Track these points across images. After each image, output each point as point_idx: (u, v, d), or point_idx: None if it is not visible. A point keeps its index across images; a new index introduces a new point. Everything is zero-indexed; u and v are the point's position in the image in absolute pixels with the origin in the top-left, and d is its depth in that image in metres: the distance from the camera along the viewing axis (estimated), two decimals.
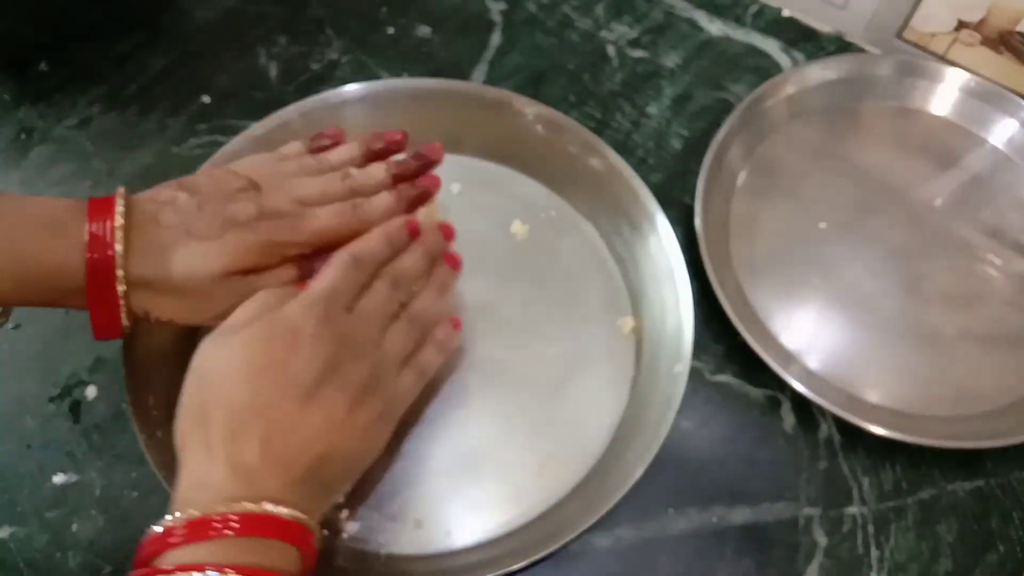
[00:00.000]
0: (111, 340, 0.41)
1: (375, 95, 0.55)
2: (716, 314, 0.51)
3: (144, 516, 0.47)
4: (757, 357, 0.49)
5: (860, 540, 0.48)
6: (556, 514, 0.46)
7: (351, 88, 0.55)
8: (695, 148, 0.59)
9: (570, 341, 0.51)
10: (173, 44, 0.64)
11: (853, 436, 0.50)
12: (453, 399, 0.49)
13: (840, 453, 0.50)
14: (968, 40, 0.63)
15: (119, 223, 0.37)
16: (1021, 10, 0.59)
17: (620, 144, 0.60)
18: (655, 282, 0.51)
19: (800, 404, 0.51)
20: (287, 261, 0.42)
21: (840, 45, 0.66)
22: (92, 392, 0.50)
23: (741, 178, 0.59)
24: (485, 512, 0.46)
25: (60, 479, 0.48)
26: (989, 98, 0.62)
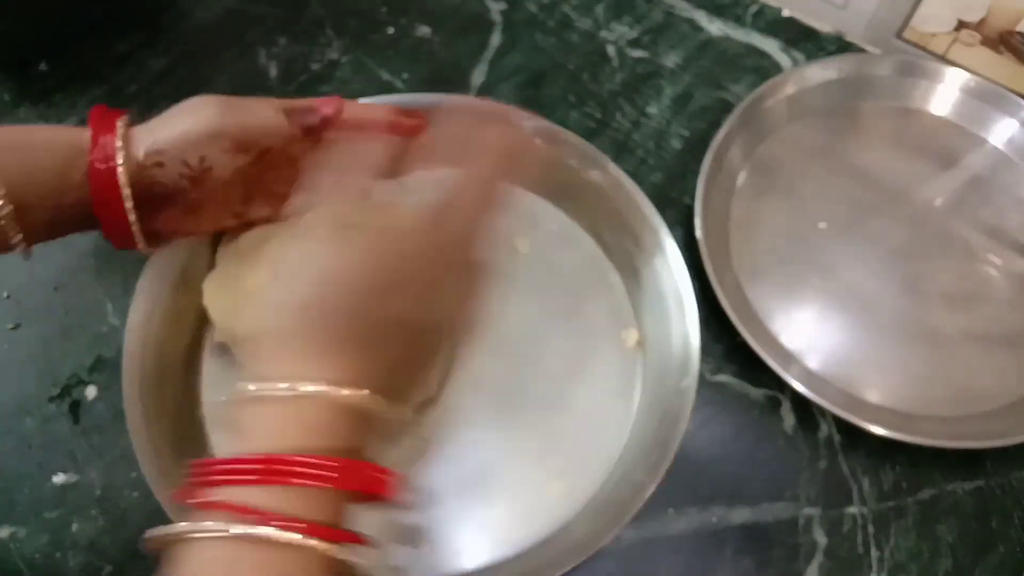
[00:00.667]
0: (132, 252, 0.42)
1: None
2: (716, 314, 0.51)
3: (144, 516, 0.47)
4: (757, 357, 0.49)
5: (860, 540, 0.48)
6: (566, 534, 0.45)
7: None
8: (695, 148, 0.59)
9: (575, 356, 0.50)
10: (173, 44, 0.64)
11: (853, 436, 0.50)
12: (458, 417, 0.48)
13: (840, 453, 0.50)
14: (968, 40, 0.63)
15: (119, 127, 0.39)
16: (1021, 10, 0.59)
17: (620, 144, 0.60)
18: (659, 295, 0.50)
19: (800, 404, 0.51)
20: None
21: (840, 45, 0.66)
22: (92, 392, 0.50)
23: (741, 178, 0.59)
24: (494, 533, 0.45)
25: (60, 479, 0.48)
26: (989, 98, 0.62)
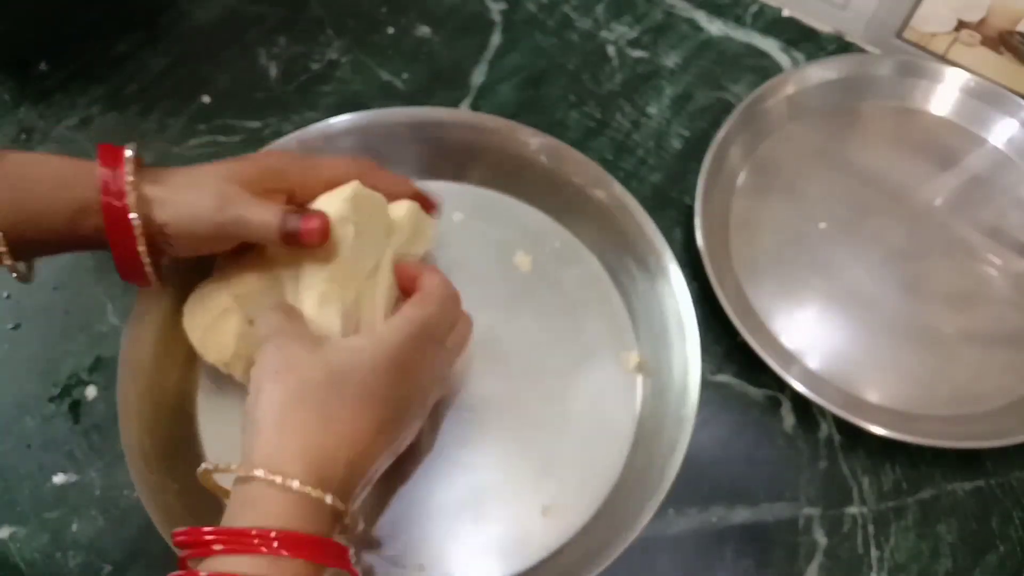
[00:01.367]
0: (140, 286, 0.42)
1: (374, 124, 0.54)
2: (716, 314, 0.51)
3: (144, 516, 0.47)
4: (757, 357, 0.49)
5: (860, 540, 0.48)
6: (560, 560, 0.45)
7: (347, 118, 0.53)
8: (695, 148, 0.59)
9: (574, 376, 0.50)
10: (173, 44, 0.64)
11: (853, 436, 0.50)
12: (455, 437, 0.48)
13: (840, 453, 0.50)
14: (968, 40, 0.63)
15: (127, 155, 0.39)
16: (1021, 10, 0.59)
17: (620, 144, 0.60)
18: (661, 319, 0.49)
19: (800, 404, 0.51)
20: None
21: (840, 45, 0.66)
22: (92, 392, 0.50)
23: (741, 178, 0.59)
24: (489, 557, 0.45)
25: (60, 479, 0.48)
26: (989, 98, 0.62)
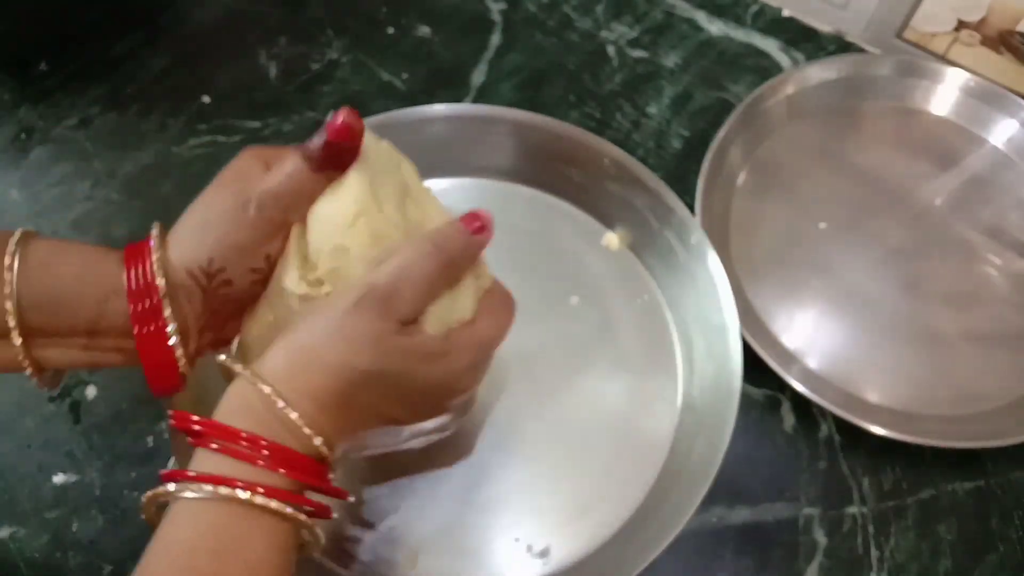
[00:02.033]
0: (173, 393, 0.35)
1: (446, 117, 0.53)
2: None
3: None
4: (757, 357, 0.49)
5: (860, 540, 0.48)
6: (588, 564, 0.44)
7: (431, 109, 0.53)
8: (695, 148, 0.59)
9: (607, 378, 0.50)
10: (173, 44, 0.64)
11: (853, 436, 0.50)
12: (488, 441, 0.48)
13: (840, 453, 0.50)
14: (968, 40, 0.63)
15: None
16: (1021, 10, 0.59)
17: (620, 144, 0.60)
18: (709, 352, 0.49)
19: (800, 404, 0.51)
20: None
21: (840, 45, 0.66)
22: (92, 392, 0.50)
23: (741, 178, 0.59)
24: (520, 557, 0.45)
25: (60, 479, 0.48)
26: (989, 98, 0.62)
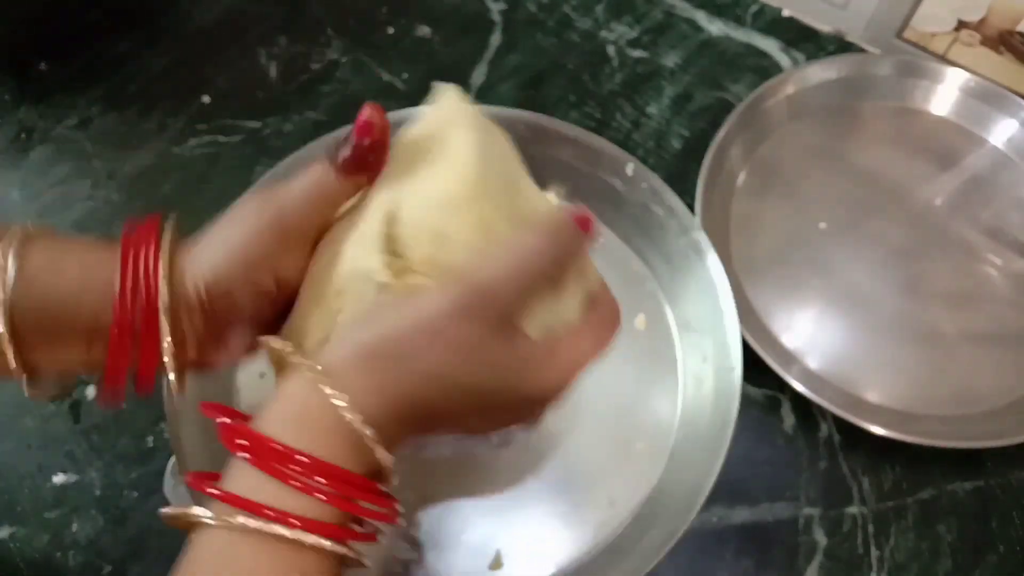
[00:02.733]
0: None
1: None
2: None
3: (144, 516, 0.47)
4: (757, 357, 0.49)
5: (860, 540, 0.48)
6: (588, 565, 0.44)
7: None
8: (695, 148, 0.59)
9: (613, 377, 0.49)
10: (173, 44, 0.64)
11: (853, 436, 0.50)
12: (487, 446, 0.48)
13: (840, 453, 0.50)
14: (968, 40, 0.63)
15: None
16: (1021, 10, 0.59)
17: (620, 144, 0.60)
18: (709, 352, 0.48)
19: (800, 404, 0.51)
20: None
21: (840, 45, 0.66)
22: (92, 392, 0.50)
23: (741, 178, 0.59)
24: (524, 554, 0.45)
25: (60, 479, 0.48)
26: (989, 98, 0.62)
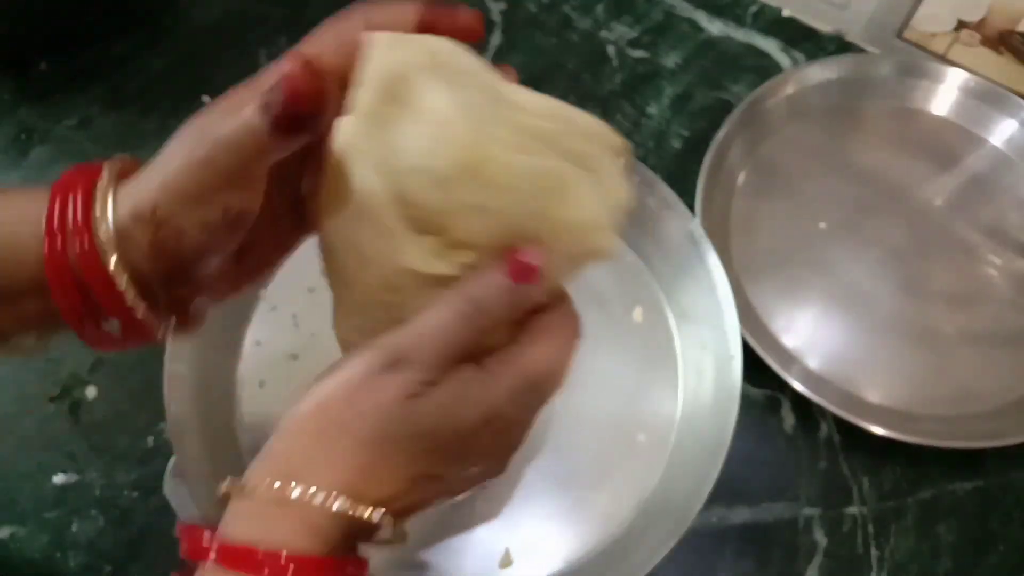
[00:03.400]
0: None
1: None
2: None
3: (144, 516, 0.47)
4: (757, 357, 0.49)
5: (860, 540, 0.48)
6: (590, 564, 0.44)
7: None
8: (695, 148, 0.58)
9: (612, 377, 0.50)
10: (173, 44, 0.64)
11: (853, 436, 0.50)
12: None
13: (840, 453, 0.50)
14: (968, 40, 0.63)
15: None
16: (1021, 10, 0.59)
17: None
18: (709, 352, 0.49)
19: (800, 404, 0.51)
20: None
21: (840, 45, 0.66)
22: (92, 392, 0.50)
23: (741, 178, 0.59)
24: (528, 553, 0.45)
25: (60, 479, 0.48)
26: (989, 98, 0.62)
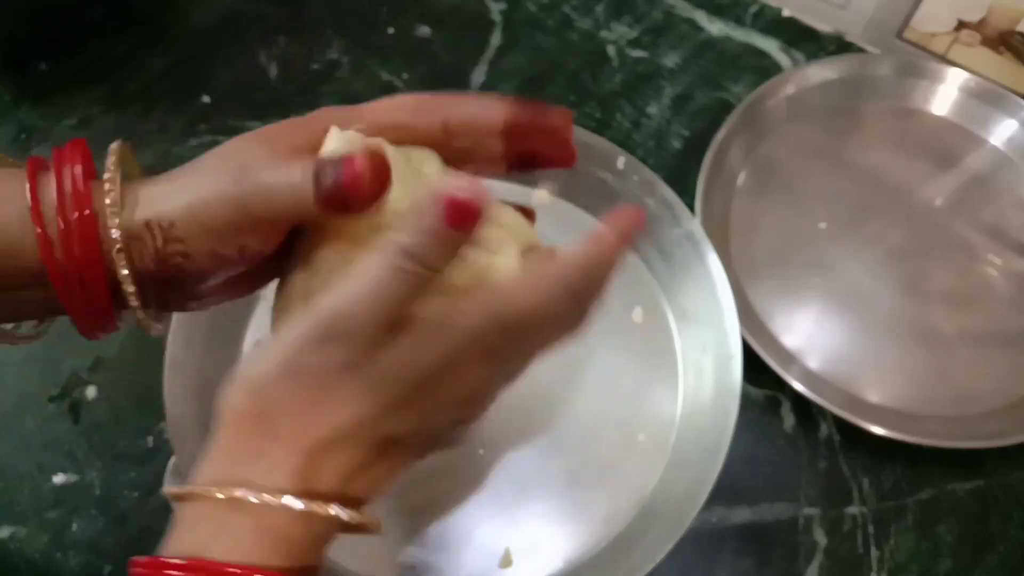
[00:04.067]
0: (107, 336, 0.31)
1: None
2: None
3: (144, 516, 0.47)
4: (757, 357, 0.49)
5: (860, 540, 0.48)
6: (589, 566, 0.44)
7: None
8: (695, 148, 0.58)
9: (613, 375, 0.50)
10: (173, 44, 0.64)
11: (853, 436, 0.50)
12: (487, 446, 0.47)
13: (840, 453, 0.50)
14: (968, 40, 0.63)
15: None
16: (1021, 10, 0.59)
17: (620, 144, 0.60)
18: (709, 352, 0.48)
19: (800, 404, 0.51)
20: None
21: (840, 45, 0.66)
22: (92, 392, 0.50)
23: (741, 178, 0.59)
24: (527, 552, 0.45)
25: (60, 479, 0.48)
26: (989, 98, 0.62)
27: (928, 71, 0.62)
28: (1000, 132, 0.62)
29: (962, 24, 0.62)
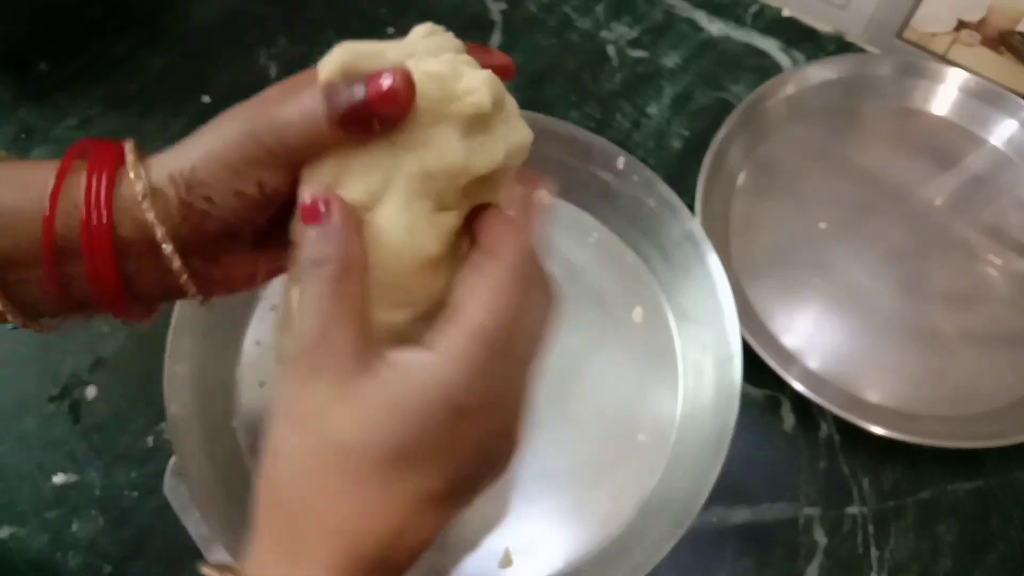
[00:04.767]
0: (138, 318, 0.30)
1: None
2: None
3: (144, 516, 0.47)
4: (757, 357, 0.49)
5: (860, 540, 0.48)
6: (590, 563, 0.44)
7: None
8: (695, 148, 0.58)
9: (611, 374, 0.50)
10: (173, 44, 0.64)
11: (853, 436, 0.50)
12: None
13: (840, 453, 0.50)
14: (968, 40, 0.63)
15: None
16: (1021, 10, 0.59)
17: (620, 144, 0.60)
18: (709, 352, 0.48)
19: (800, 404, 0.51)
20: None
21: (840, 45, 0.66)
22: (92, 392, 0.50)
23: (741, 178, 0.59)
24: (529, 551, 0.45)
25: (60, 479, 0.48)
26: (989, 98, 0.62)
27: (928, 71, 0.62)
28: (1000, 132, 0.62)
29: (962, 24, 0.62)
